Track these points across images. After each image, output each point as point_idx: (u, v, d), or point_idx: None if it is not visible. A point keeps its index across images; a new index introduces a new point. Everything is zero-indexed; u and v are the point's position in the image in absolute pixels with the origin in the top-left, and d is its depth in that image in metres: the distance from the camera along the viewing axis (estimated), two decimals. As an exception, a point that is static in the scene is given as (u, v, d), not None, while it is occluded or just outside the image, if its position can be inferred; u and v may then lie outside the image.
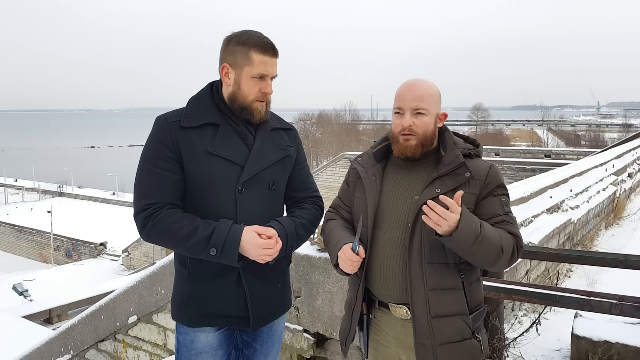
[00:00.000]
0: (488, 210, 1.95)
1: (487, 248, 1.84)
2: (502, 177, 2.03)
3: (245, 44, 2.03)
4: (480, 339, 2.00)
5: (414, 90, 2.01)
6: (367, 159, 2.16)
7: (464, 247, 1.82)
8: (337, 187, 29.50)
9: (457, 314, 1.96)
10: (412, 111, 1.99)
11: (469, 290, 2.00)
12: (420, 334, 1.95)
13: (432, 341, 1.93)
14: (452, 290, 1.95)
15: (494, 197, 1.97)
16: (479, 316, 2.03)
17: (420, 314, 1.94)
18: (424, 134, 2.00)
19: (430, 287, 1.93)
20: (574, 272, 6.13)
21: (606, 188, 9.35)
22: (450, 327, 1.94)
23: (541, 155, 27.68)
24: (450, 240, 1.81)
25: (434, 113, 2.02)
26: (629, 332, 3.41)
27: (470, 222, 1.80)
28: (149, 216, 1.99)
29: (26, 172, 63.97)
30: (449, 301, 1.95)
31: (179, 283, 2.19)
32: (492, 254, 1.86)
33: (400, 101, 2.02)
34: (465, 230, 1.78)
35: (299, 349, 3.95)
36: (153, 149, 2.04)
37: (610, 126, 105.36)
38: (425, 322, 1.94)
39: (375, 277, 2.06)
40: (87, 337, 5.79)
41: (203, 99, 2.13)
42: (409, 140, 2.00)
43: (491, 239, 1.84)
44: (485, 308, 2.08)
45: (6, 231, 45.12)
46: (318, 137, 75.98)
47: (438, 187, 1.93)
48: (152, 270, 5.12)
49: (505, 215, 1.96)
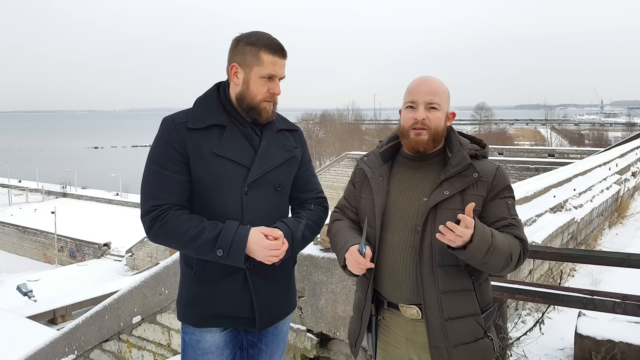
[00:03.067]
0: (495, 213, 1.96)
1: (498, 257, 1.85)
2: (508, 179, 2.03)
3: (255, 45, 2.05)
4: (492, 338, 2.02)
5: (429, 85, 2.01)
6: (374, 159, 2.15)
7: (477, 258, 1.83)
8: (340, 187, 29.30)
9: (469, 314, 1.96)
10: (425, 105, 1.98)
11: (480, 291, 2.00)
12: (435, 337, 1.95)
13: (447, 343, 1.93)
14: (463, 291, 1.96)
15: (500, 200, 1.98)
16: (490, 315, 2.04)
17: (433, 317, 1.94)
18: (435, 129, 2.00)
19: (442, 290, 1.93)
20: (577, 272, 6.12)
21: (610, 187, 9.33)
22: (464, 328, 1.95)
23: (545, 155, 27.59)
24: (464, 253, 1.81)
25: (445, 110, 2.02)
26: (633, 331, 3.41)
27: (483, 235, 1.80)
28: (156, 217, 2.00)
29: (30, 173, 64.13)
30: (461, 303, 1.95)
31: (184, 284, 2.20)
32: (501, 261, 1.87)
33: (413, 95, 2.01)
34: (480, 242, 1.79)
35: (302, 348, 3.96)
36: (160, 151, 2.06)
37: (614, 125, 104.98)
38: (439, 324, 1.94)
39: (385, 279, 2.05)
40: (92, 337, 5.81)
41: (209, 100, 2.14)
42: (421, 134, 1.99)
43: (502, 247, 1.85)
44: (495, 307, 2.09)
45: (10, 232, 45.20)
46: (321, 136, 75.96)
47: (446, 189, 1.93)
48: (156, 271, 5.14)
49: (511, 219, 1.96)
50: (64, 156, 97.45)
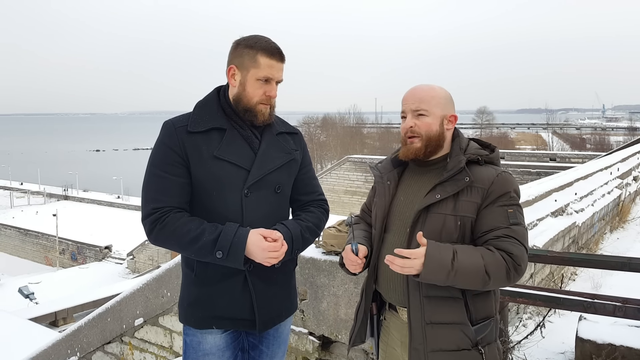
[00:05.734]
0: (489, 222, 1.90)
1: (466, 277, 1.83)
2: (511, 186, 1.94)
3: (253, 47, 2.07)
4: (483, 352, 1.94)
5: (414, 94, 2.05)
6: (386, 165, 2.19)
7: (439, 283, 1.85)
8: (341, 190, 29.43)
9: (454, 323, 1.93)
10: (412, 113, 2.03)
11: (473, 302, 1.95)
12: (415, 339, 1.95)
13: (425, 347, 1.92)
14: (449, 299, 1.93)
15: (498, 208, 1.90)
16: (484, 328, 1.96)
17: (415, 319, 1.95)
18: (427, 134, 2.01)
19: (426, 294, 1.94)
20: (578, 275, 6.13)
21: (611, 191, 9.33)
22: (445, 335, 1.92)
23: (546, 159, 27.59)
24: (420, 280, 1.85)
25: (437, 114, 2.02)
26: (634, 335, 3.41)
27: (438, 262, 1.80)
28: (157, 220, 2.02)
29: (32, 176, 64.24)
30: (445, 310, 1.93)
31: (186, 286, 2.22)
32: (474, 281, 1.84)
33: (403, 105, 2.07)
34: (432, 270, 1.80)
35: (304, 351, 3.97)
36: (161, 154, 2.07)
37: (616, 129, 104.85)
38: (420, 327, 1.94)
39: (383, 280, 2.09)
40: (94, 339, 5.82)
41: (209, 104, 2.16)
42: (413, 142, 2.03)
43: (470, 268, 1.81)
44: (493, 321, 2.00)
45: (12, 234, 45.25)
46: (322, 140, 75.99)
47: (438, 193, 1.94)
48: (158, 273, 5.15)
49: (507, 229, 1.88)
50: (66, 159, 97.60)
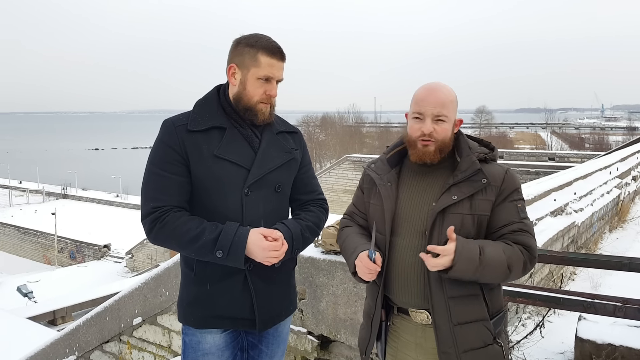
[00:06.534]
0: (504, 217, 1.94)
1: (492, 271, 1.86)
2: (518, 182, 2.01)
3: (253, 46, 2.06)
4: (502, 344, 2.00)
5: (437, 96, 1.96)
6: (381, 165, 2.13)
7: (466, 278, 1.86)
8: (340, 189, 29.41)
9: (478, 320, 1.95)
10: (433, 117, 1.95)
11: (490, 296, 1.99)
12: (443, 342, 1.94)
13: (456, 349, 1.92)
14: (472, 297, 1.95)
15: (510, 203, 1.96)
16: (500, 321, 2.03)
17: (442, 322, 1.94)
18: (443, 140, 1.97)
19: (450, 295, 1.93)
20: (577, 275, 6.12)
21: (610, 191, 9.33)
22: (473, 333, 1.94)
23: (545, 158, 27.61)
24: (449, 276, 1.85)
25: (452, 119, 2.00)
26: (633, 335, 3.41)
27: (467, 257, 1.82)
28: (157, 219, 2.01)
29: (30, 174, 64.17)
30: (469, 308, 1.95)
31: (185, 285, 2.21)
32: (498, 274, 1.88)
33: (421, 106, 1.97)
34: (462, 265, 1.82)
35: (303, 350, 3.97)
36: (160, 153, 2.06)
37: (615, 129, 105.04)
38: (448, 329, 1.93)
39: (395, 284, 2.04)
40: (92, 338, 5.82)
41: (209, 103, 2.15)
42: (428, 146, 1.97)
43: (495, 262, 1.85)
44: (505, 313, 2.07)
45: (10, 233, 45.23)
46: (321, 139, 76.02)
47: (454, 194, 1.92)
48: (157, 272, 5.14)
49: (520, 223, 1.95)
50: (65, 157, 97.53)
